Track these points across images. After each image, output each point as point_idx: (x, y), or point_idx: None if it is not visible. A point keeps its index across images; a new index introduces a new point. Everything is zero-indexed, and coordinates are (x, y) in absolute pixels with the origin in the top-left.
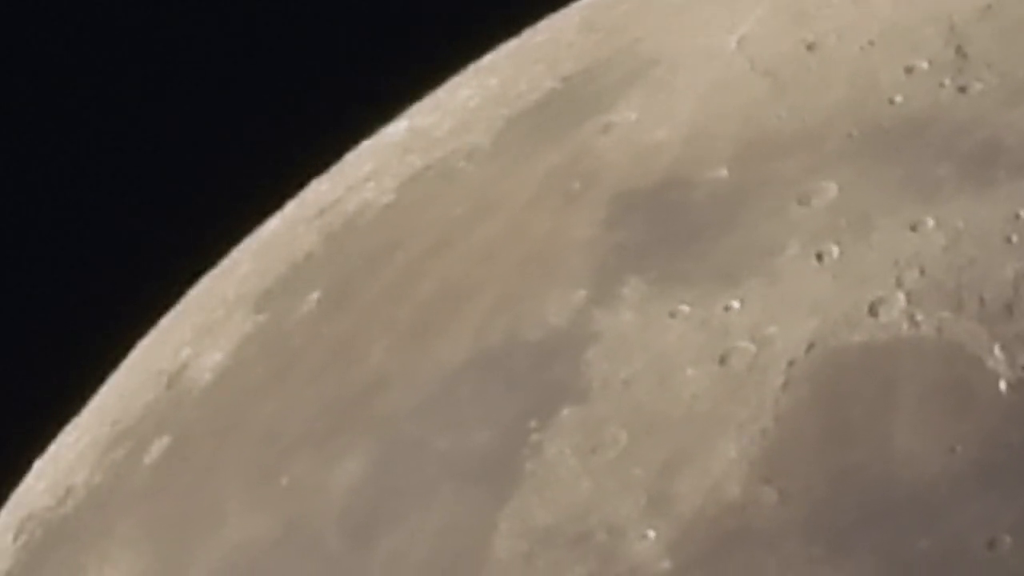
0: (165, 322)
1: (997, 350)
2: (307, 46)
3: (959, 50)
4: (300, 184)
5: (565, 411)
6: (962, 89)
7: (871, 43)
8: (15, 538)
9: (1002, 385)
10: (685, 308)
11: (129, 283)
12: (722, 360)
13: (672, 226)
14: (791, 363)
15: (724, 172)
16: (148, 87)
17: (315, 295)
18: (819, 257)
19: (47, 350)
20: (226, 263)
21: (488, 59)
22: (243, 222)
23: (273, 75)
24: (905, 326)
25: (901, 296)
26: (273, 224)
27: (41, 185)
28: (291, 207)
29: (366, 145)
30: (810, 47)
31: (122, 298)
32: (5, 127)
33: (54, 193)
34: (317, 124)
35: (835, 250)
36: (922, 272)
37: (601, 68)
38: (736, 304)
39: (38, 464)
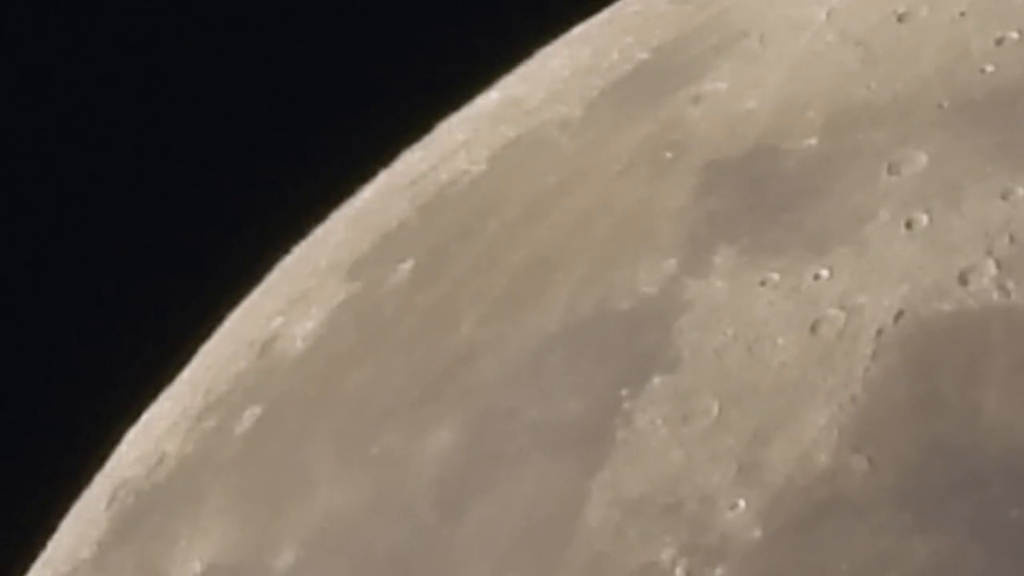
0: (258, 291)
1: None
2: (400, 18)
3: None
4: (393, 154)
5: (656, 380)
6: None
7: (962, 13)
8: (108, 506)
9: None
10: (775, 276)
11: (222, 253)
12: (812, 328)
13: (762, 195)
14: (880, 331)
15: (814, 141)
16: (240, 62)
17: (407, 264)
18: (909, 225)
19: (141, 320)
20: (319, 232)
21: (579, 30)
22: (336, 192)
23: (366, 47)
24: (995, 294)
25: (991, 264)
26: (366, 194)
27: (133, 155)
28: (384, 177)
29: (458, 116)
30: (901, 18)
31: (215, 268)
32: (121, 106)
33: (148, 164)
34: (410, 95)
35: (925, 218)
36: (1012, 240)
37: (692, 39)
38: (826, 272)
39: (131, 433)
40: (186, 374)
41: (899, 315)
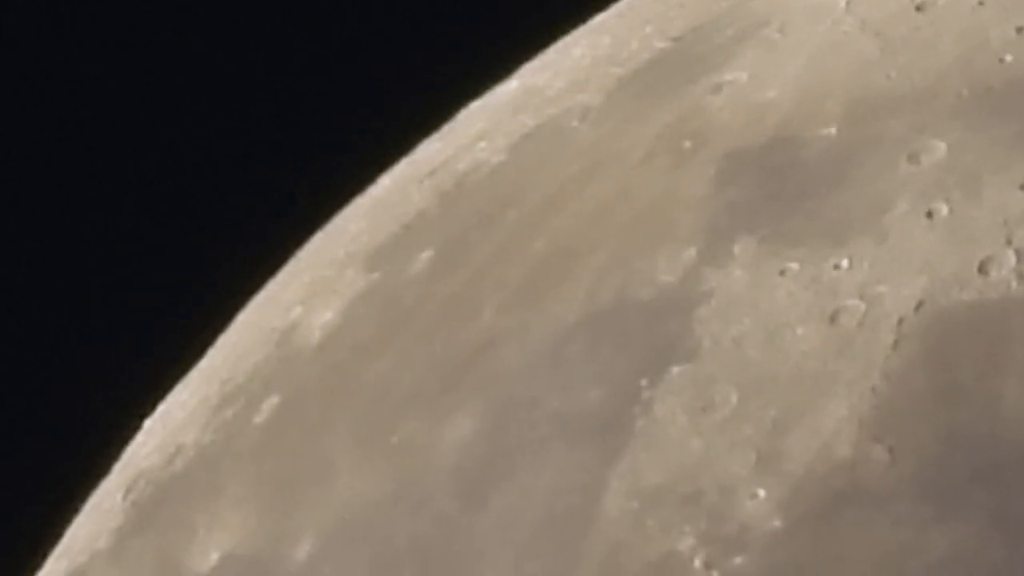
0: (277, 281)
1: None
2: (420, 7)
3: None
4: (412, 143)
5: (675, 370)
6: None
7: (981, 3)
8: (125, 496)
9: None
10: (795, 266)
11: (241, 242)
12: (832, 318)
13: (782, 185)
14: (901, 321)
15: (834, 131)
16: (258, 52)
17: (426, 254)
18: (929, 215)
19: (159, 310)
20: (338, 222)
21: (599, 19)
22: (355, 181)
23: (385, 36)
24: (1014, 284)
25: (1011, 254)
26: (385, 183)
27: (151, 144)
28: (403, 166)
29: (478, 104)
30: (919, 7)
31: (234, 257)
32: (152, 101)
33: (166, 154)
34: (429, 84)
35: (944, 208)
36: None
37: (712, 28)
38: (846, 262)
39: (148, 423)
40: (204, 364)
41: (919, 305)
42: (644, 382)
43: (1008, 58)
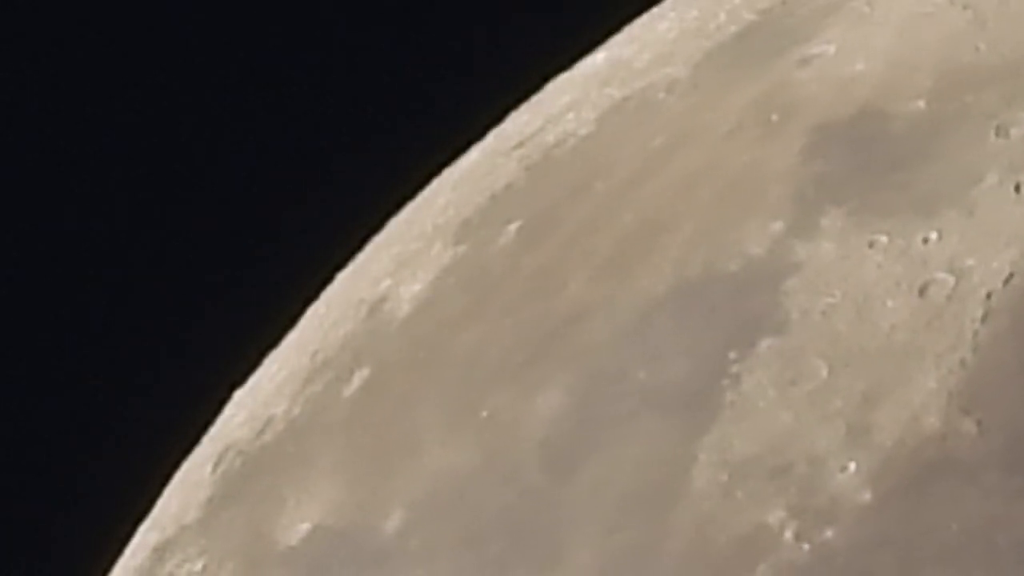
0: (365, 253)
1: None
2: None
3: None
4: (500, 116)
5: (764, 342)
6: None
7: None
8: (214, 468)
9: None
10: (883, 239)
11: (329, 216)
12: (921, 291)
13: (870, 157)
14: (990, 294)
15: (922, 104)
16: (346, 30)
17: (514, 226)
18: (1017, 188)
19: (248, 283)
20: (426, 194)
21: None
22: (443, 153)
23: (473, 10)
24: None
25: None
26: (473, 155)
27: (242, 124)
28: (491, 138)
29: (565, 77)
30: None
31: (322, 231)
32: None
33: (259, 131)
34: (518, 57)
35: None
36: None
37: (799, 1)
38: (934, 235)
39: (238, 395)
40: (294, 336)
41: (1009, 278)
42: (733, 355)
43: None
